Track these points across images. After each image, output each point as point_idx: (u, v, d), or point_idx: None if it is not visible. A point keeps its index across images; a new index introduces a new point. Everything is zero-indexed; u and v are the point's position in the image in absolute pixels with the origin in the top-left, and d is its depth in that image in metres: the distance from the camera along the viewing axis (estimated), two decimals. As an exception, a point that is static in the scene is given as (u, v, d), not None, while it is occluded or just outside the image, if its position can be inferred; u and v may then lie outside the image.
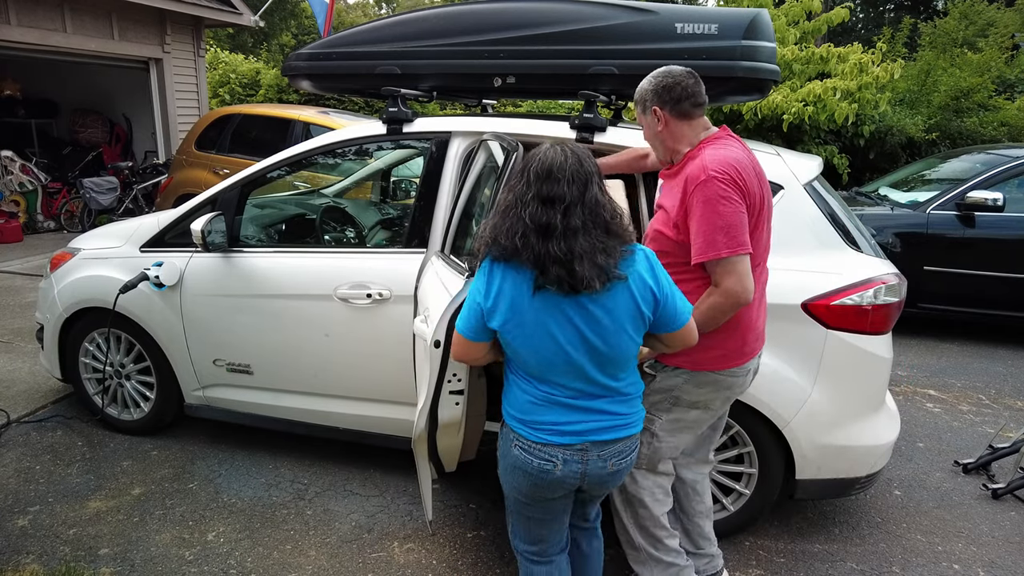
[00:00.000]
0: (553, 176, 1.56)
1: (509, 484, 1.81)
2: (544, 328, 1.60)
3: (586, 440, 1.68)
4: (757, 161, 1.96)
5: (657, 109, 1.99)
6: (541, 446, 1.68)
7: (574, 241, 1.53)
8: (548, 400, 1.67)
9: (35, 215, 8.76)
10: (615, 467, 1.74)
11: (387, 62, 2.98)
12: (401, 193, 4.82)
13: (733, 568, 2.59)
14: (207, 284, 3.07)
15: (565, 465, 1.67)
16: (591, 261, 1.53)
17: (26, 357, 4.37)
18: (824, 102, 7.04)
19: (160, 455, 3.27)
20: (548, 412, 1.68)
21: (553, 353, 1.62)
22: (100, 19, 8.38)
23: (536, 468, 1.68)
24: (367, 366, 2.88)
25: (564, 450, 1.67)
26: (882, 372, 2.56)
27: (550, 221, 1.54)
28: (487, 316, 1.63)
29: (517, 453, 1.71)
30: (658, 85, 1.99)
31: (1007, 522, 2.97)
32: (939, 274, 5.25)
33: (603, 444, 1.70)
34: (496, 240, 1.59)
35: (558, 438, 1.67)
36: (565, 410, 1.67)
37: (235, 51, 17.59)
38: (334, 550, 2.62)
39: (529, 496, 1.77)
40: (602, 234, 1.57)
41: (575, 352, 1.62)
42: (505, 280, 1.61)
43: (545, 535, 1.88)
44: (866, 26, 22.07)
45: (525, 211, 1.56)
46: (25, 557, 2.53)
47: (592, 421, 1.68)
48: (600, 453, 1.70)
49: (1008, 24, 13.18)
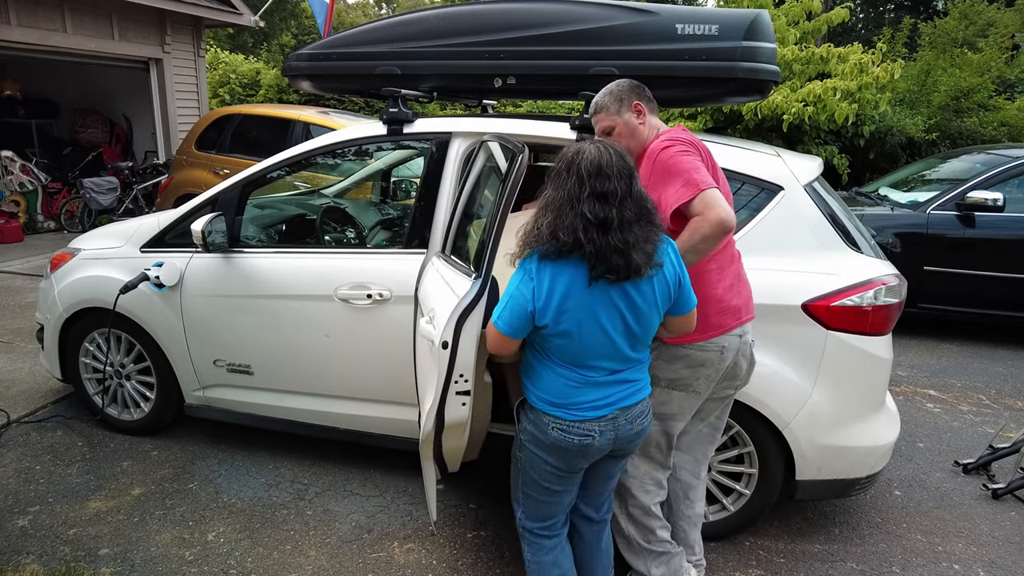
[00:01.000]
0: (603, 172, 1.68)
1: (540, 463, 1.90)
2: (594, 317, 1.73)
3: (615, 409, 1.83)
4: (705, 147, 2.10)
5: (637, 103, 2.16)
6: (579, 423, 1.81)
7: (629, 232, 1.67)
8: (586, 382, 1.80)
9: (35, 215, 8.76)
10: (640, 426, 1.90)
11: (387, 62, 2.98)
12: (401, 193, 4.82)
13: (733, 568, 2.59)
14: (207, 284, 3.07)
15: (601, 436, 1.83)
16: (643, 250, 1.68)
17: (26, 357, 4.37)
18: (824, 102, 7.04)
19: (160, 455, 3.27)
20: (586, 393, 1.81)
21: (599, 339, 1.76)
22: (100, 19, 8.37)
23: (576, 444, 1.82)
24: (367, 366, 2.88)
25: (599, 423, 1.82)
26: (882, 373, 2.56)
27: (607, 215, 1.65)
28: (539, 315, 1.73)
29: (556, 435, 1.82)
30: (632, 84, 2.19)
31: (1007, 522, 2.97)
32: (939, 274, 5.25)
33: (628, 409, 1.85)
34: (555, 236, 1.68)
35: (593, 412, 1.81)
36: (600, 388, 1.82)
37: (235, 51, 17.59)
38: (334, 550, 2.62)
39: (563, 469, 1.89)
40: (647, 224, 1.71)
41: (617, 335, 1.77)
42: (558, 277, 1.72)
43: (557, 510, 2.01)
44: (866, 26, 22.07)
45: (583, 207, 1.66)
46: (25, 557, 2.53)
47: (619, 392, 1.84)
48: (626, 417, 1.86)
49: (1008, 24, 13.17)
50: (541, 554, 2.04)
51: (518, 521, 2.08)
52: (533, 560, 2.05)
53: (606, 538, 2.17)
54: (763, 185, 2.55)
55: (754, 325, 2.26)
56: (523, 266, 1.77)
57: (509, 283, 1.82)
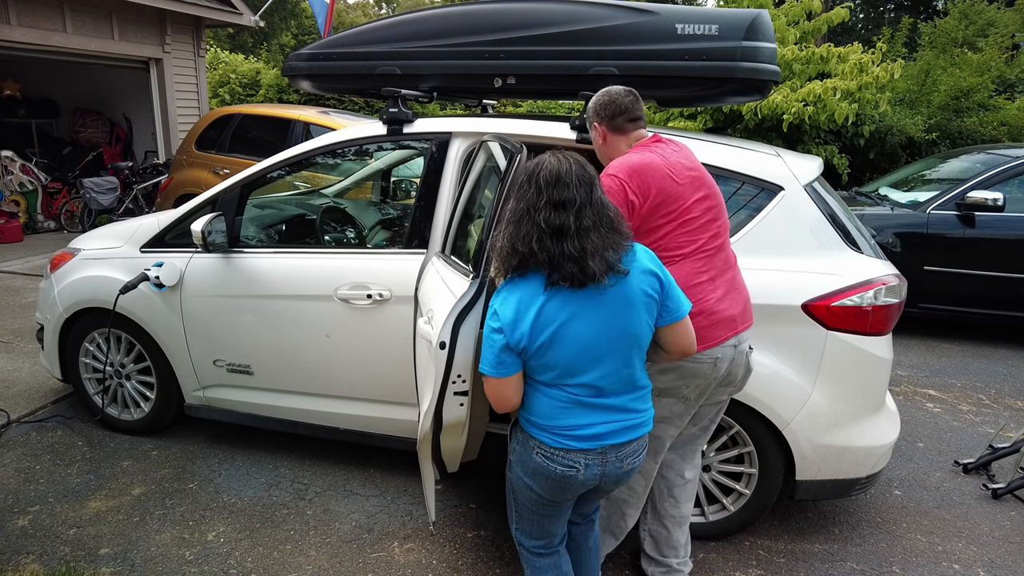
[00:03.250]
0: (562, 181, 1.67)
1: (526, 487, 1.87)
2: (566, 324, 1.69)
3: (604, 444, 1.76)
4: (678, 160, 2.08)
5: (596, 125, 2.19)
6: (564, 452, 1.75)
7: (587, 239, 1.65)
8: (573, 402, 1.75)
9: (35, 215, 8.76)
10: (629, 465, 1.83)
11: (387, 62, 2.98)
12: (401, 193, 4.82)
13: (733, 568, 2.59)
14: (207, 284, 3.07)
15: (587, 469, 1.76)
16: (601, 257, 1.66)
17: (26, 357, 4.37)
18: (824, 102, 7.04)
19: (160, 455, 3.27)
20: (573, 415, 1.75)
21: (577, 349, 1.70)
22: (100, 19, 8.38)
23: (559, 474, 1.76)
24: (367, 367, 2.88)
25: (585, 455, 1.75)
26: (882, 373, 2.56)
27: (563, 223, 1.65)
28: (514, 342, 1.70)
29: (539, 460, 1.78)
30: (596, 103, 2.18)
31: (1007, 522, 2.97)
32: (939, 274, 5.25)
33: (620, 447, 1.78)
34: (514, 247, 1.69)
35: (579, 443, 1.74)
36: (588, 411, 1.75)
37: (235, 51, 17.60)
38: (334, 550, 2.62)
39: (547, 498, 1.85)
40: (609, 231, 1.69)
41: (596, 341, 1.71)
42: (523, 296, 1.70)
43: (552, 529, 1.97)
44: (866, 26, 22.07)
45: (539, 215, 1.67)
46: (25, 557, 2.53)
47: (611, 422, 1.76)
48: (617, 455, 1.79)
49: (1008, 24, 13.18)
50: (540, 572, 2.01)
51: (514, 537, 2.06)
52: None
53: (594, 537, 2.16)
54: (763, 185, 2.55)
55: (755, 325, 2.26)
56: (491, 303, 1.76)
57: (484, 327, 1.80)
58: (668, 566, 2.37)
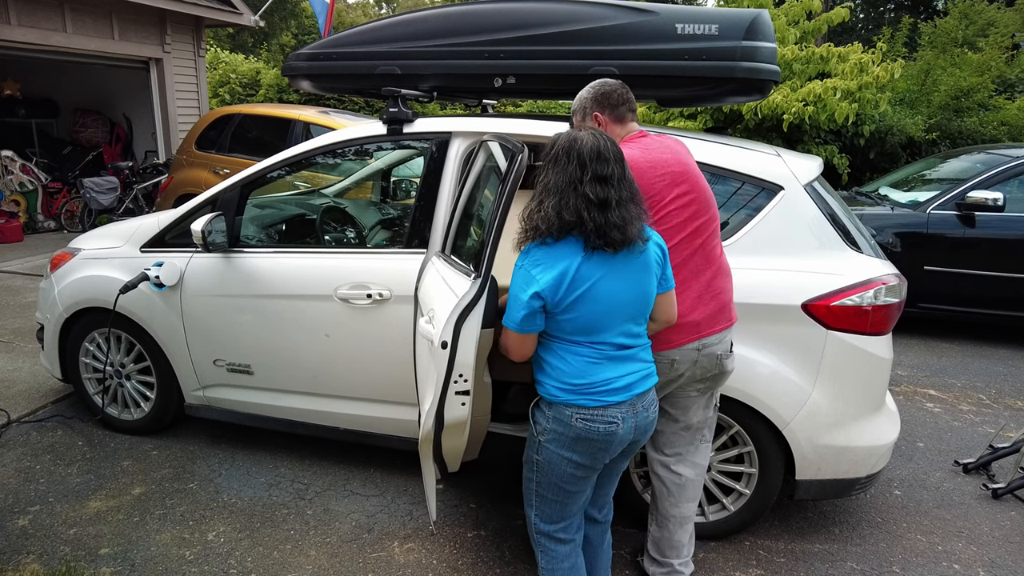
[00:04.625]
0: (603, 156, 1.80)
1: (562, 462, 1.91)
2: (599, 283, 1.82)
3: (632, 395, 1.88)
4: (660, 156, 2.09)
5: (597, 114, 2.19)
6: (603, 409, 1.85)
7: (625, 210, 1.80)
8: (602, 357, 1.86)
9: (35, 215, 8.76)
10: (652, 414, 1.96)
11: (387, 62, 2.98)
12: (401, 193, 4.82)
13: (733, 568, 2.59)
14: (207, 284, 3.07)
15: (624, 423, 1.87)
16: (635, 226, 1.82)
17: (26, 357, 4.37)
18: (824, 102, 7.04)
19: (160, 455, 3.27)
20: (603, 370, 1.86)
21: (606, 306, 1.83)
22: (100, 19, 8.38)
23: (602, 433, 1.85)
24: (367, 366, 2.88)
25: (620, 408, 1.86)
26: (882, 372, 2.56)
27: (607, 195, 1.78)
28: (548, 299, 1.80)
29: (580, 426, 1.85)
30: (596, 93, 2.20)
31: (1007, 522, 2.97)
32: (939, 274, 5.25)
33: (643, 395, 1.91)
34: (560, 215, 1.79)
35: (614, 397, 1.85)
36: (615, 364, 1.88)
37: (235, 51, 17.60)
38: (334, 550, 2.62)
39: (587, 465, 1.91)
40: (637, 203, 1.85)
41: (622, 301, 1.85)
42: (558, 256, 1.81)
43: (574, 509, 2.02)
44: (866, 26, 22.07)
45: (585, 188, 1.78)
46: (25, 557, 2.53)
47: (632, 373, 1.89)
48: (642, 404, 1.91)
49: (1008, 24, 13.18)
50: (556, 561, 2.03)
51: (532, 526, 2.07)
52: (548, 568, 2.04)
53: (608, 539, 2.20)
54: (763, 185, 2.55)
55: (755, 325, 2.25)
56: (520, 262, 1.86)
57: (511, 284, 1.87)
58: (670, 566, 2.36)
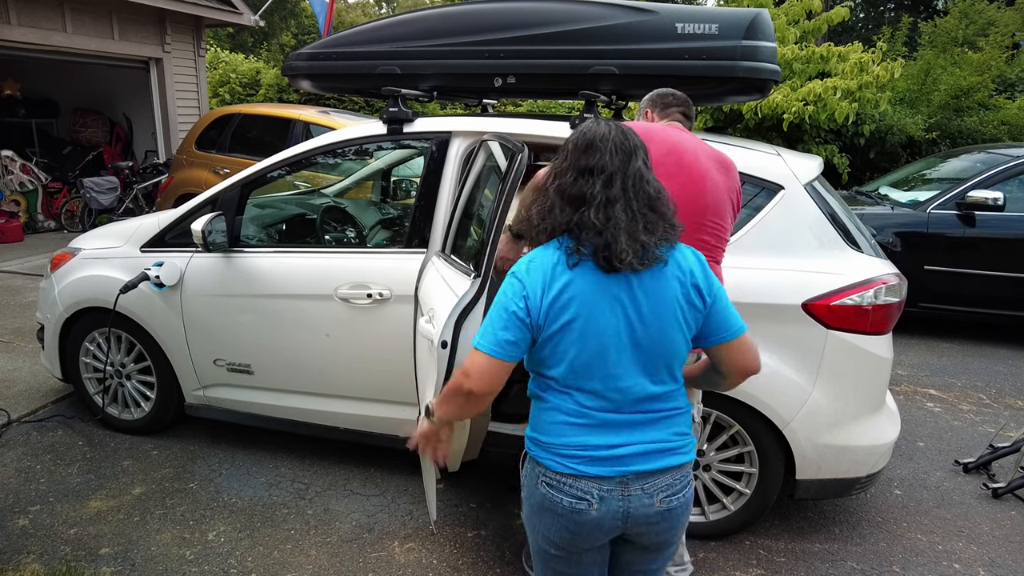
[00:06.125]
0: (594, 146, 1.45)
1: (536, 530, 1.54)
2: (591, 306, 1.42)
3: (626, 470, 1.42)
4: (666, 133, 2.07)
5: (648, 111, 2.31)
6: (572, 479, 1.42)
7: (611, 210, 1.41)
8: (581, 415, 1.45)
9: (35, 215, 8.76)
10: (665, 504, 1.45)
11: (387, 62, 2.98)
12: (401, 193, 4.82)
13: (733, 567, 2.59)
14: (207, 284, 3.07)
15: (602, 503, 1.42)
16: (630, 235, 1.39)
17: (26, 357, 4.37)
18: (824, 101, 7.04)
19: (161, 455, 3.27)
20: (580, 432, 1.44)
21: (599, 340, 1.42)
22: (100, 19, 8.37)
23: (567, 507, 1.43)
24: (367, 366, 2.88)
25: (600, 484, 1.42)
26: (882, 372, 2.56)
27: (584, 191, 1.43)
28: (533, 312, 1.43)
29: (543, 491, 1.46)
30: (655, 94, 2.31)
31: (1008, 521, 2.97)
32: (939, 274, 5.25)
33: (647, 475, 1.44)
34: (531, 219, 1.50)
35: (590, 467, 1.42)
36: (601, 430, 1.44)
37: (235, 51, 17.58)
38: (334, 549, 2.62)
39: (560, 545, 1.49)
40: (645, 208, 1.43)
41: (620, 336, 1.43)
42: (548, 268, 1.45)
43: None
44: (866, 25, 22.07)
45: (559, 181, 1.48)
46: (26, 557, 2.53)
47: (633, 444, 1.44)
48: (644, 486, 1.43)
49: (1008, 23, 13.17)
50: None
51: None
52: None
53: None
54: (763, 184, 2.55)
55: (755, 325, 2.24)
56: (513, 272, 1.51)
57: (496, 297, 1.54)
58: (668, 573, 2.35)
